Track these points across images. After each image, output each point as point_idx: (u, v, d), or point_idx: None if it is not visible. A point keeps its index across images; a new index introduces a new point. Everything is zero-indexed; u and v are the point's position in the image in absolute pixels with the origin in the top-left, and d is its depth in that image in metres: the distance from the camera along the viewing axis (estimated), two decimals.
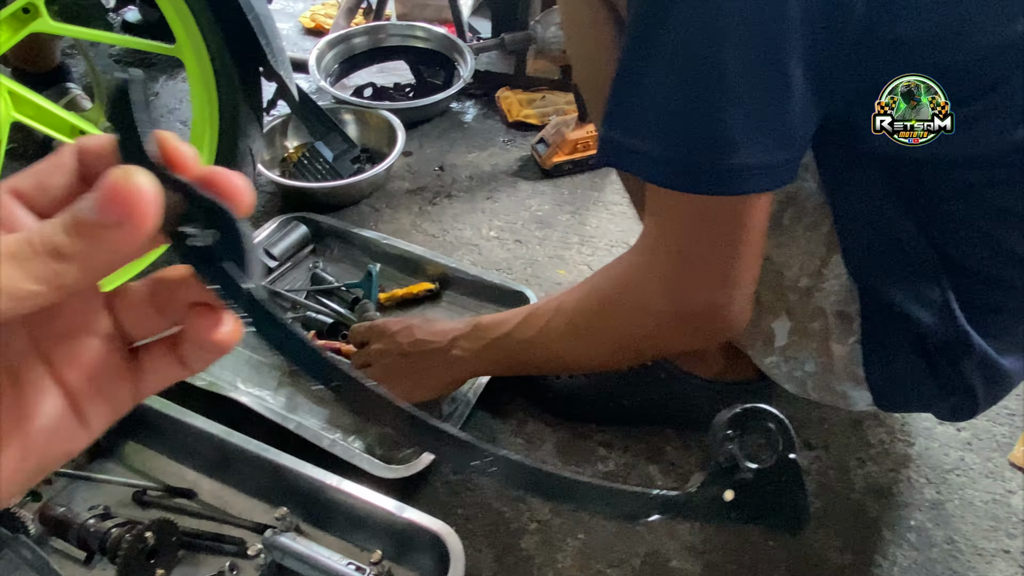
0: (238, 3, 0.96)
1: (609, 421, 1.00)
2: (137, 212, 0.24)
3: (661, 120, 0.60)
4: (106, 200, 0.24)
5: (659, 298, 0.67)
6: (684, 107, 0.59)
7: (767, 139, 0.59)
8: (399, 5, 1.93)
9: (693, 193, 0.61)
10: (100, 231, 0.24)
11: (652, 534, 0.88)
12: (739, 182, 0.59)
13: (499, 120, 1.61)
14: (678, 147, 0.60)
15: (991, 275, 0.69)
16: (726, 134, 0.58)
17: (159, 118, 1.59)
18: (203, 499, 0.87)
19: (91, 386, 0.28)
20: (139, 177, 0.24)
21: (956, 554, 0.88)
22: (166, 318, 0.29)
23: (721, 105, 0.57)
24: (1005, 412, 1.03)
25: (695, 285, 0.65)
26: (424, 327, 0.91)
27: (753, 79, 0.56)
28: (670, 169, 0.61)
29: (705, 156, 0.59)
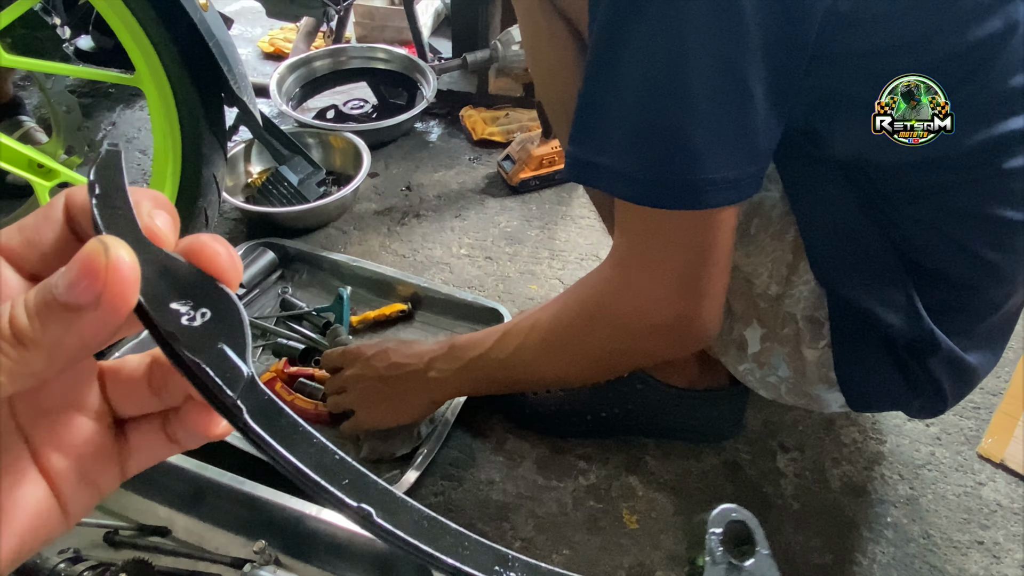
0: (198, 30, 0.95)
1: (588, 434, 1.00)
2: (113, 292, 0.21)
3: (627, 137, 0.61)
4: (79, 277, 0.21)
5: (630, 312, 0.68)
6: (649, 124, 0.60)
7: (732, 153, 0.60)
8: (358, 27, 1.93)
9: (660, 208, 0.62)
10: (71, 315, 0.21)
11: (636, 545, 0.89)
12: (705, 196, 0.60)
13: (464, 139, 1.62)
14: (644, 163, 0.61)
15: (953, 275, 0.71)
16: (691, 149, 0.59)
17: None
18: (178, 536, 0.84)
19: (75, 471, 0.26)
20: (118, 251, 0.21)
21: (932, 548, 0.89)
22: (160, 400, 0.27)
23: (685, 121, 0.58)
24: (971, 406, 1.05)
25: (666, 298, 0.67)
26: (400, 350, 0.90)
27: (716, 95, 0.57)
28: (637, 185, 0.62)
29: (672, 171, 0.60)
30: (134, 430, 0.28)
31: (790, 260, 0.74)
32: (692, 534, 0.28)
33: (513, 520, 0.91)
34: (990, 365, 0.79)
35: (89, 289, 0.21)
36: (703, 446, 0.99)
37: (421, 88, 1.62)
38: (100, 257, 0.21)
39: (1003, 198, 0.67)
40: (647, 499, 0.94)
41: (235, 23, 1.97)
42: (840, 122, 0.65)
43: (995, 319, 0.77)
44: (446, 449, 0.95)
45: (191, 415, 0.27)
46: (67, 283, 0.21)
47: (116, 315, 0.21)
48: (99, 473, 0.27)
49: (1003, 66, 0.62)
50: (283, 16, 1.51)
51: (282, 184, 1.34)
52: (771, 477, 0.96)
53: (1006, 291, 0.75)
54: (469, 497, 0.93)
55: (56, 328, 0.21)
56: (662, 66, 0.57)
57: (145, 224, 0.24)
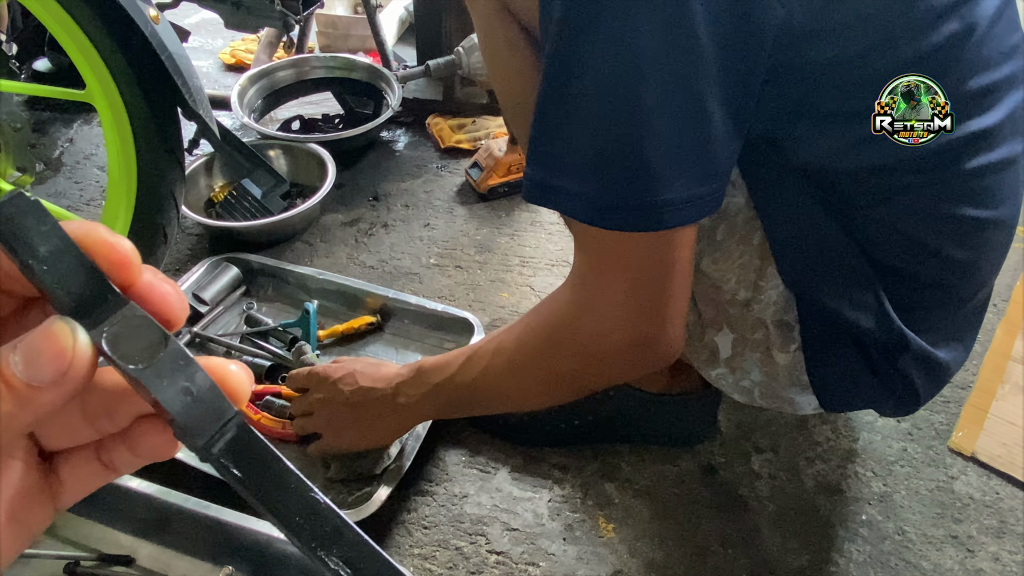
0: (150, 44, 0.93)
1: (563, 443, 0.99)
2: (77, 371, 0.22)
3: (583, 159, 0.60)
4: (40, 361, 0.22)
5: (592, 335, 0.67)
6: (604, 146, 0.59)
7: (691, 173, 0.59)
8: (321, 37, 1.91)
9: (619, 231, 0.61)
10: (30, 392, 0.21)
11: (614, 554, 0.88)
12: (664, 217, 0.59)
13: (431, 147, 1.60)
14: (601, 186, 0.60)
15: (920, 274, 0.71)
16: (649, 171, 0.58)
17: (75, 164, 1.53)
18: (142, 565, 0.82)
19: (5, 516, 0.24)
20: (80, 340, 0.22)
21: (907, 544, 0.89)
22: (95, 428, 0.26)
23: (641, 143, 0.57)
24: (940, 400, 1.06)
25: (626, 321, 0.65)
26: (367, 372, 0.88)
27: (672, 114, 0.56)
28: (595, 207, 0.60)
29: (629, 194, 0.59)
30: (64, 462, 0.26)
31: (757, 265, 0.74)
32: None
33: (488, 533, 0.89)
34: (961, 359, 0.80)
35: (52, 370, 0.22)
36: (678, 450, 0.99)
37: (386, 97, 1.60)
38: (67, 341, 0.22)
39: (965, 197, 0.67)
40: (623, 506, 0.93)
41: (195, 35, 1.94)
42: (803, 131, 0.65)
43: (963, 313, 0.77)
44: (418, 464, 0.93)
45: (141, 432, 0.26)
46: (28, 363, 0.21)
47: (74, 391, 0.22)
48: (29, 513, 0.25)
49: (962, 68, 0.62)
50: (242, 27, 1.48)
51: (245, 198, 1.32)
52: (746, 479, 0.96)
53: (973, 286, 0.75)
54: (443, 512, 0.91)
55: (11, 405, 0.21)
56: (615, 86, 0.56)
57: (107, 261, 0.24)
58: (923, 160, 0.65)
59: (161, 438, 0.26)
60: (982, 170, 0.67)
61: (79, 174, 1.50)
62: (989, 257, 0.74)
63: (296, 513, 0.24)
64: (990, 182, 0.68)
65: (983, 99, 0.64)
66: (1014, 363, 1.11)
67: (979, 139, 0.65)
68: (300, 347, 1.03)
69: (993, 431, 1.01)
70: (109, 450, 0.26)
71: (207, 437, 0.23)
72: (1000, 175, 0.68)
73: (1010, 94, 0.66)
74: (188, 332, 1.09)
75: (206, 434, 0.23)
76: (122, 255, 0.24)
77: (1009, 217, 0.72)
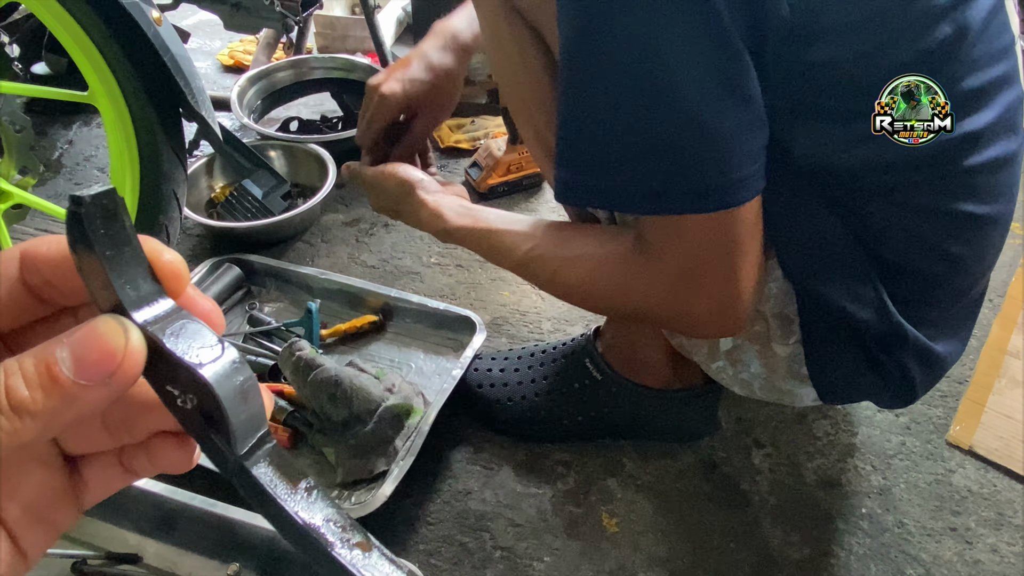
0: (153, 45, 0.93)
1: (565, 438, 0.99)
2: (125, 372, 0.21)
3: (630, 151, 0.60)
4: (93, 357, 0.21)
5: (664, 304, 0.68)
6: (648, 133, 0.59)
7: (735, 154, 0.60)
8: (320, 38, 1.92)
9: (691, 214, 0.61)
10: (77, 390, 0.21)
11: (617, 549, 0.88)
12: (732, 194, 0.60)
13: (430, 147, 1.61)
14: (661, 175, 0.60)
15: (919, 269, 0.72)
16: (713, 150, 0.58)
17: (75, 165, 1.53)
18: (149, 563, 0.82)
19: (30, 516, 0.25)
20: (132, 338, 0.22)
21: (907, 536, 0.90)
22: (114, 438, 0.26)
23: (682, 125, 0.57)
24: (938, 395, 1.07)
25: (703, 297, 0.66)
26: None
27: (709, 95, 0.57)
28: (662, 196, 0.61)
29: (698, 176, 0.59)
30: (87, 465, 0.27)
31: None
32: None
33: (492, 529, 0.90)
34: (958, 352, 0.81)
35: (102, 369, 0.21)
36: (679, 446, 1.00)
37: None
38: (120, 339, 0.21)
39: (964, 193, 0.68)
40: (626, 501, 0.93)
41: (194, 36, 1.94)
42: (802, 129, 0.65)
43: (960, 307, 0.78)
44: (422, 461, 0.94)
45: (160, 447, 0.26)
46: (77, 360, 0.21)
47: (120, 391, 0.22)
48: (55, 513, 0.26)
49: (957, 68, 0.63)
50: (241, 29, 1.49)
51: (246, 198, 1.32)
52: (747, 474, 0.97)
53: (970, 281, 0.76)
54: (447, 508, 0.92)
55: (57, 401, 0.21)
56: (647, 72, 0.56)
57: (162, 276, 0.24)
58: (920, 158, 0.66)
59: (179, 453, 0.26)
60: (978, 168, 0.68)
61: (79, 175, 1.50)
62: (985, 252, 0.75)
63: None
64: (986, 179, 0.69)
65: (977, 99, 0.65)
66: (1010, 358, 1.12)
67: (974, 138, 0.66)
68: (293, 344, 1.00)
69: (990, 425, 1.03)
70: (130, 456, 0.27)
71: (248, 445, 0.24)
72: (996, 173, 0.69)
73: (1002, 94, 0.67)
74: None
75: (248, 442, 0.24)
76: (176, 266, 0.24)
77: (1005, 213, 0.73)
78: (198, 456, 0.26)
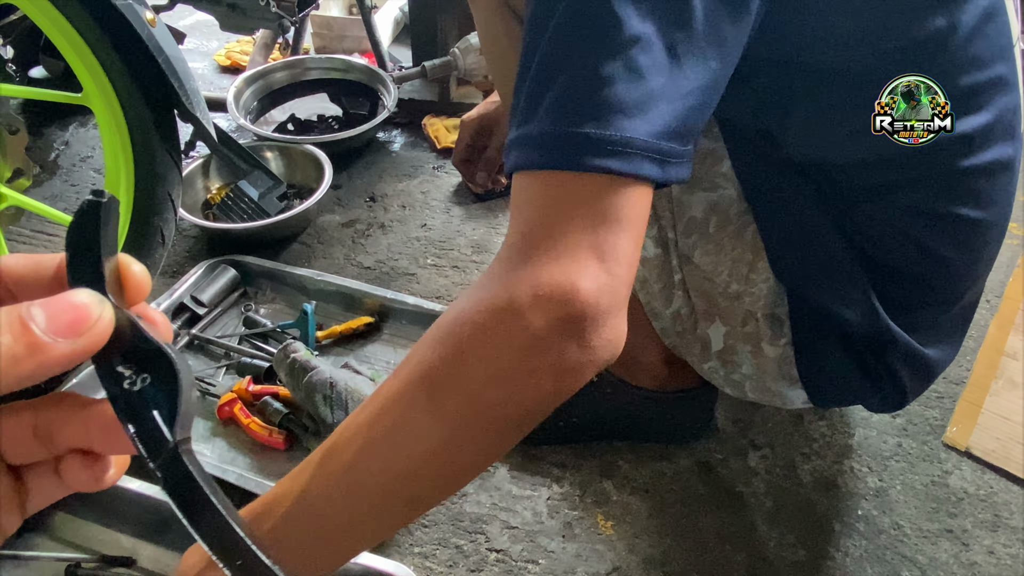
0: (147, 47, 0.93)
1: (561, 440, 0.99)
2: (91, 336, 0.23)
3: (547, 103, 0.52)
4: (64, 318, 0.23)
5: (506, 317, 0.50)
6: (556, 92, 0.51)
7: (633, 118, 0.50)
8: (317, 38, 1.91)
9: (560, 169, 0.51)
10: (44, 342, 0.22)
11: (612, 551, 0.88)
12: (590, 156, 0.49)
13: (427, 147, 1.61)
14: (556, 119, 0.51)
15: (910, 272, 0.72)
16: (610, 105, 0.50)
17: (71, 166, 1.53)
18: (143, 566, 0.82)
19: None
20: (106, 309, 0.24)
21: (903, 538, 0.90)
22: (45, 447, 0.27)
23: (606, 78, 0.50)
24: (935, 396, 1.07)
25: (543, 261, 0.50)
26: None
27: (627, 64, 0.50)
28: (538, 146, 0.52)
29: (561, 128, 0.50)
30: (29, 473, 0.28)
31: (750, 259, 0.74)
32: None
33: (488, 531, 0.90)
34: (949, 358, 0.81)
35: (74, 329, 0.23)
36: (675, 447, 1.00)
37: (382, 98, 1.60)
38: (97, 307, 0.24)
39: (957, 196, 0.68)
40: (621, 503, 0.93)
41: (191, 37, 1.94)
42: (796, 122, 0.65)
43: (952, 313, 0.78)
44: None
45: (75, 464, 0.27)
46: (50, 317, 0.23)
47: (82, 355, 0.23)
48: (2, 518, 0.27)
49: (949, 66, 0.63)
50: (237, 29, 1.49)
51: (242, 199, 1.32)
52: (743, 476, 0.97)
53: (962, 287, 0.76)
54: (442, 510, 0.92)
55: (22, 348, 0.22)
56: (572, 36, 0.51)
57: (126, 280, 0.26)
58: (914, 157, 0.65)
59: (83, 474, 0.27)
60: (975, 170, 0.67)
61: (75, 177, 1.50)
62: (979, 258, 0.74)
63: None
64: (981, 183, 0.69)
65: (971, 99, 0.65)
66: (1007, 358, 1.12)
67: (968, 139, 0.65)
68: (287, 346, 1.01)
69: (987, 426, 1.02)
70: (63, 469, 0.28)
71: (182, 437, 0.25)
72: (992, 177, 0.69)
73: (998, 96, 0.66)
74: (187, 334, 1.10)
75: (184, 434, 0.25)
76: (142, 279, 0.27)
77: (1001, 219, 0.73)
78: (113, 478, 0.27)
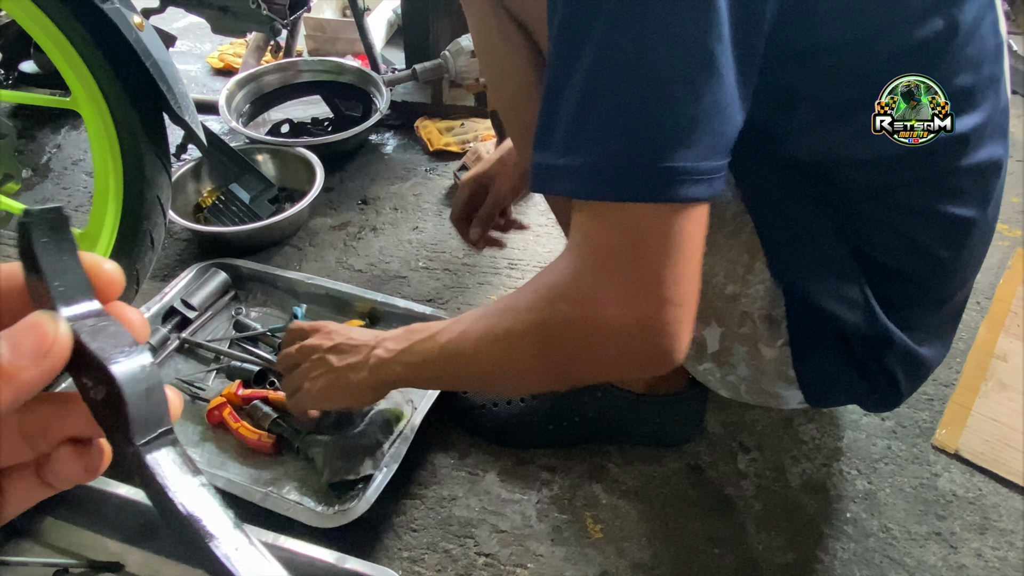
0: (135, 50, 0.93)
1: (550, 444, 0.99)
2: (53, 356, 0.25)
3: (591, 131, 0.56)
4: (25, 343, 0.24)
5: (586, 312, 0.60)
6: (614, 113, 0.55)
7: (701, 142, 0.55)
8: (310, 40, 1.91)
9: (625, 201, 0.56)
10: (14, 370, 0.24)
11: (601, 554, 0.88)
12: (674, 186, 0.55)
13: (420, 150, 1.61)
14: (611, 155, 0.55)
15: (907, 273, 0.72)
16: (660, 135, 0.54)
17: (63, 169, 1.52)
18: (131, 571, 0.82)
19: None
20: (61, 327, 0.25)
21: (892, 541, 0.90)
22: (30, 446, 0.28)
23: (653, 105, 0.54)
24: (924, 398, 1.07)
25: (625, 296, 0.59)
26: (358, 330, 0.86)
27: (686, 77, 0.54)
28: (601, 178, 0.56)
29: (638, 159, 0.55)
30: (7, 478, 0.28)
31: (746, 260, 0.74)
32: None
33: (477, 536, 0.90)
34: (941, 356, 0.81)
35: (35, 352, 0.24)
36: (665, 450, 1.00)
37: (375, 100, 1.60)
38: (51, 326, 0.25)
39: (954, 196, 0.68)
40: (611, 507, 0.93)
41: (183, 39, 1.94)
42: (800, 121, 0.65)
43: (943, 312, 0.79)
44: (407, 467, 0.93)
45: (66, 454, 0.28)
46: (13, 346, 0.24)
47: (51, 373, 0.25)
48: None
49: (948, 66, 0.63)
50: (229, 32, 1.49)
51: (234, 202, 1.32)
52: (732, 479, 0.97)
53: (954, 286, 0.76)
54: (431, 515, 0.92)
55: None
56: (627, 51, 0.53)
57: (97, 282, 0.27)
58: (914, 155, 0.65)
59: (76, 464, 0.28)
60: (970, 169, 0.68)
61: (67, 180, 1.49)
62: (971, 257, 0.75)
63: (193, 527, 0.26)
64: (975, 182, 0.69)
65: (968, 98, 0.65)
66: (997, 360, 1.12)
67: (964, 138, 0.66)
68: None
69: (976, 428, 1.03)
70: (45, 469, 0.28)
71: (146, 437, 0.26)
72: (985, 177, 0.69)
73: (991, 95, 0.67)
74: (177, 338, 1.09)
75: (147, 433, 0.26)
76: (110, 275, 0.28)
77: (992, 219, 0.74)
78: (102, 467, 0.28)
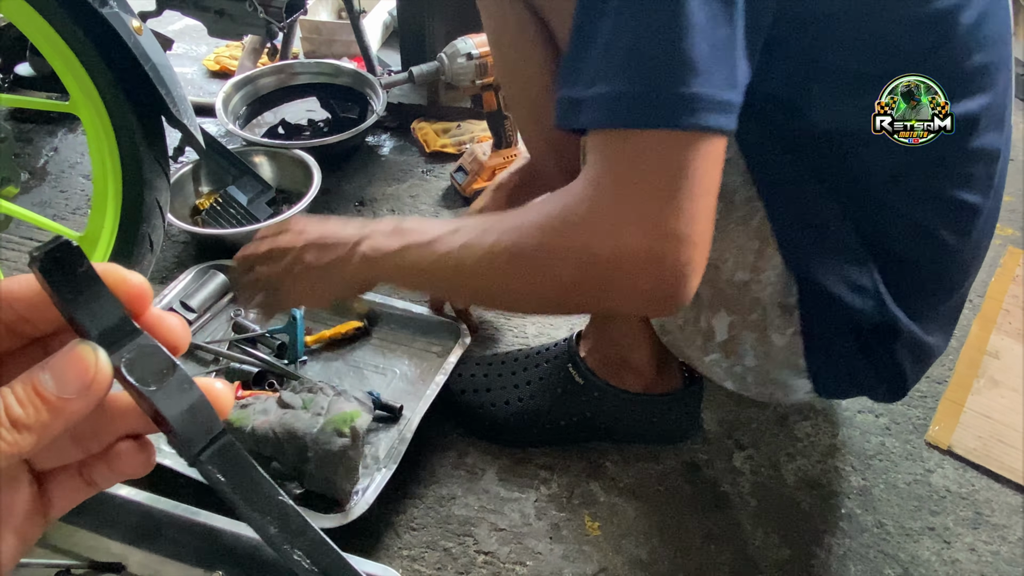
0: (133, 54, 0.94)
1: (548, 443, 1.00)
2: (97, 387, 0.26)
3: (617, 60, 0.57)
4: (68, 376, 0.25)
5: (599, 237, 0.59)
6: (638, 41, 0.56)
7: (719, 72, 0.56)
8: (306, 43, 1.92)
9: (644, 128, 0.56)
10: (61, 403, 0.25)
11: (599, 552, 0.89)
12: (692, 112, 0.55)
13: (416, 152, 1.62)
14: (631, 80, 0.56)
15: (914, 258, 0.72)
16: (681, 61, 0.55)
17: (60, 173, 1.53)
18: (133, 572, 0.82)
19: (5, 530, 0.27)
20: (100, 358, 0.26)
21: (886, 536, 0.91)
22: (81, 448, 0.29)
23: (677, 32, 0.55)
24: (918, 395, 1.08)
25: (640, 227, 0.57)
26: (340, 222, 0.78)
27: (708, 9, 0.55)
28: (621, 105, 0.56)
29: (659, 85, 0.55)
30: (52, 480, 0.29)
31: (756, 246, 0.73)
32: None
33: (476, 534, 0.90)
34: (944, 345, 0.82)
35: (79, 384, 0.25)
36: (661, 448, 1.01)
37: (371, 102, 1.61)
38: (91, 359, 0.26)
39: (963, 182, 0.69)
40: (608, 504, 0.94)
41: (180, 42, 1.94)
42: (819, 92, 0.65)
43: (951, 301, 0.80)
44: (405, 467, 0.94)
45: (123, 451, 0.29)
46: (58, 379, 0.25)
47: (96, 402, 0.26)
48: (27, 527, 0.28)
49: (960, 45, 0.63)
50: (225, 35, 1.49)
51: (231, 204, 1.33)
52: (728, 476, 0.98)
53: (962, 275, 0.77)
54: (431, 513, 0.93)
55: (46, 414, 0.25)
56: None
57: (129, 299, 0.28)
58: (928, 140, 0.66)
59: (138, 458, 0.29)
60: (975, 153, 0.68)
61: (64, 183, 1.50)
62: (978, 245, 0.76)
63: (267, 513, 0.28)
64: (981, 168, 0.70)
65: (973, 80, 0.66)
66: (989, 358, 1.14)
67: (974, 119, 0.66)
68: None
69: (969, 425, 1.04)
70: (90, 468, 0.29)
71: (199, 447, 0.27)
72: (989, 163, 0.71)
73: (991, 83, 0.67)
74: None
75: (199, 445, 0.27)
76: (138, 290, 0.28)
77: (994, 208, 0.75)
78: (153, 461, 0.30)
